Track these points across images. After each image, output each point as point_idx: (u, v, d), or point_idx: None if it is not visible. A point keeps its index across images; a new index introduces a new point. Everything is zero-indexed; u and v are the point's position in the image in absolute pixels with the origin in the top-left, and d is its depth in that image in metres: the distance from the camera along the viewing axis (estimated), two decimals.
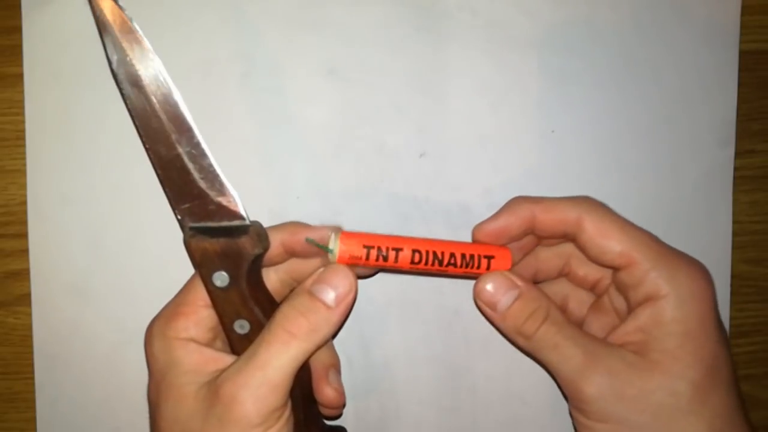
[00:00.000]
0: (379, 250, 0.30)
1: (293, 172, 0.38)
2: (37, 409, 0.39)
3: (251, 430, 0.28)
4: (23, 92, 0.38)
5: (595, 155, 0.39)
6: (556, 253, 0.34)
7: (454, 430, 0.39)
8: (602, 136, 0.39)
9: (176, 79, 0.30)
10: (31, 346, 0.38)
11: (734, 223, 0.40)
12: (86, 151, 0.38)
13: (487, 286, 0.31)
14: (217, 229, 0.31)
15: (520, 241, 0.33)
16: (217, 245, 0.30)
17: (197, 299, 0.31)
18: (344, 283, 0.30)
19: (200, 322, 0.31)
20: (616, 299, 0.33)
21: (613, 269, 0.31)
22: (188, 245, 0.30)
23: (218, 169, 0.31)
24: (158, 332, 0.31)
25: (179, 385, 0.30)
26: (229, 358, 0.31)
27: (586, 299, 0.35)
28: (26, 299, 0.38)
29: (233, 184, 0.31)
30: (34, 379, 0.39)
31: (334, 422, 0.37)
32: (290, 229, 0.32)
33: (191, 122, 0.30)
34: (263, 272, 0.33)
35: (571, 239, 0.32)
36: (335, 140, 0.38)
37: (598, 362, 0.29)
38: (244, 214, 0.31)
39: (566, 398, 0.31)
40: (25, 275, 0.38)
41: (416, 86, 0.38)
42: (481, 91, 0.39)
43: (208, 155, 0.30)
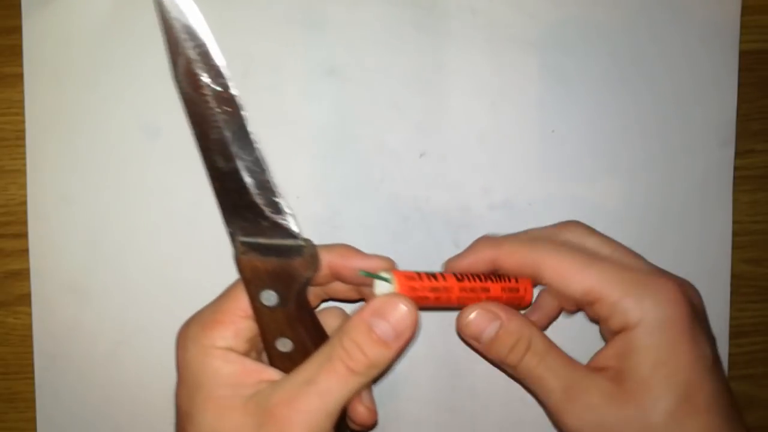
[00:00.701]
0: (428, 275, 0.30)
1: (293, 172, 0.38)
2: (37, 409, 0.39)
3: None
4: (23, 92, 0.38)
5: (595, 155, 0.39)
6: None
7: (453, 430, 0.39)
8: (602, 136, 0.39)
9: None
10: (31, 345, 0.38)
11: (734, 223, 0.40)
12: (86, 151, 0.38)
13: (470, 316, 0.31)
14: (269, 246, 0.30)
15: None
16: (269, 264, 0.29)
17: (237, 309, 0.31)
18: (406, 319, 0.29)
19: (239, 332, 0.30)
20: None
21: (583, 305, 0.32)
22: (239, 262, 0.29)
23: (275, 185, 0.30)
24: (193, 339, 0.30)
25: (220, 396, 0.29)
26: (270, 370, 0.30)
27: None
28: (26, 299, 0.38)
29: None
30: (34, 379, 0.38)
31: None
32: (340, 251, 0.32)
33: (252, 134, 0.29)
34: None
35: (537, 282, 0.33)
36: (335, 140, 0.38)
37: (577, 395, 0.30)
38: (297, 232, 0.30)
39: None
40: (25, 275, 0.38)
41: (416, 86, 0.38)
42: (480, 91, 0.39)
43: (266, 170, 0.29)
